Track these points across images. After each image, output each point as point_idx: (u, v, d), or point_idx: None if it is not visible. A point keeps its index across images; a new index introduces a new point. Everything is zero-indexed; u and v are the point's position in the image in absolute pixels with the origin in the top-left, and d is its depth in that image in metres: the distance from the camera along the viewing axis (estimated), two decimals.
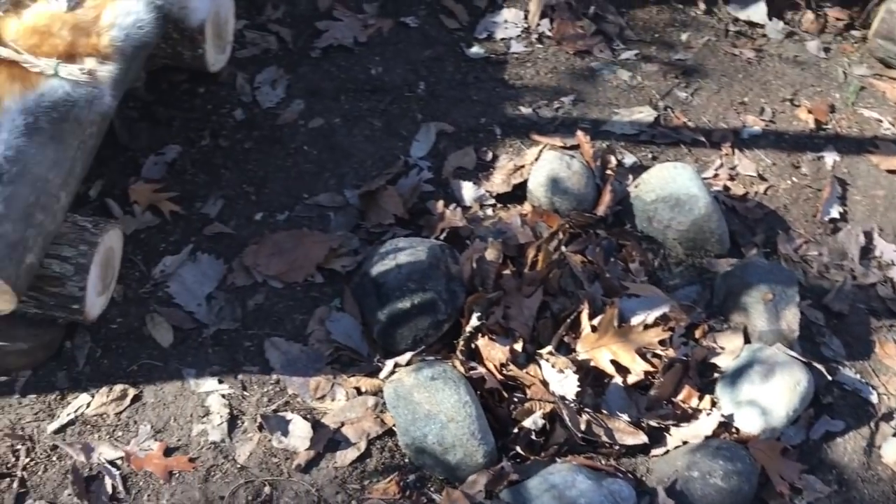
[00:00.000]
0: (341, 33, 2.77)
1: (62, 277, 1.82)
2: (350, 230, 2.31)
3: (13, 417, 1.86)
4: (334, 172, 2.44)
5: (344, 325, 2.13)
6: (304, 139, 2.52)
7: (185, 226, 2.27)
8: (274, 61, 2.70)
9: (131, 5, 1.91)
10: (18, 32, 1.79)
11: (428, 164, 2.48)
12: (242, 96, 2.58)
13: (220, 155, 2.43)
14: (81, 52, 1.83)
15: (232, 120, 2.52)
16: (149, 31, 1.92)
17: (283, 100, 2.60)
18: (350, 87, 2.66)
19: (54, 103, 1.75)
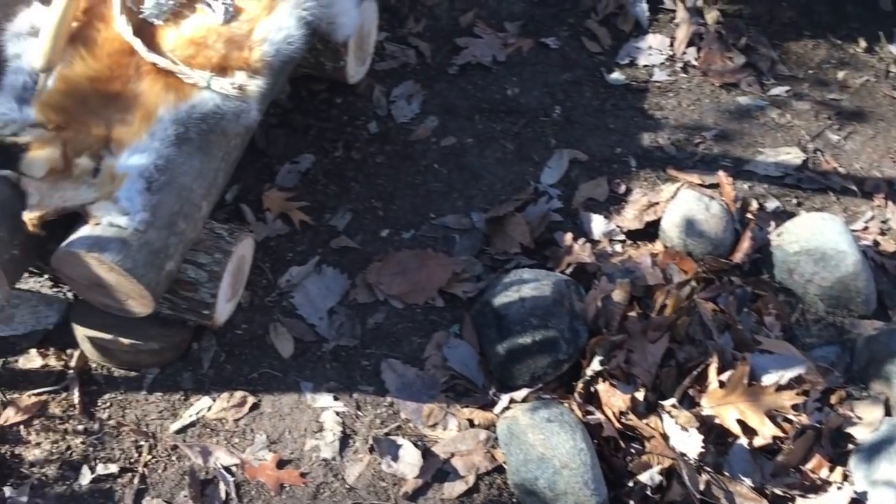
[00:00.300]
0: (480, 51, 2.75)
1: (196, 283, 1.87)
2: (474, 255, 2.29)
3: (139, 413, 1.93)
4: (462, 193, 2.42)
5: (461, 352, 2.10)
6: (436, 157, 2.51)
7: (313, 237, 2.30)
8: (411, 75, 2.70)
9: (283, 21, 1.94)
10: (176, 43, 1.84)
11: (558, 192, 2.43)
12: (378, 109, 2.60)
13: (351, 167, 2.45)
14: (233, 65, 1.87)
15: (366, 132, 2.54)
16: (298, 46, 1.95)
17: (418, 115, 2.60)
18: (485, 107, 2.64)
19: (204, 115, 1.80)
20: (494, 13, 2.88)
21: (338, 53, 2.37)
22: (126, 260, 1.63)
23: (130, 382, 1.98)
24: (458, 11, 2.88)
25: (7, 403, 1.89)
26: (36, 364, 1.96)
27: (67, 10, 1.80)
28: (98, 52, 1.81)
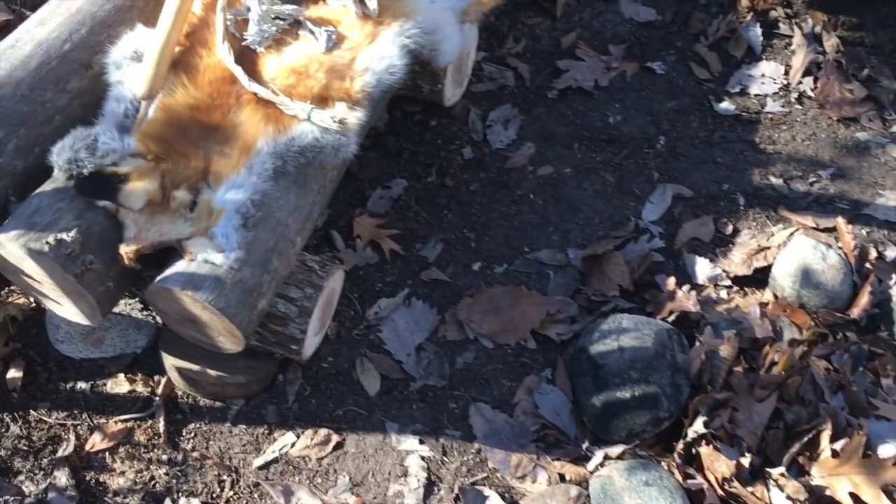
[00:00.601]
0: (582, 75, 2.64)
1: (286, 318, 1.83)
2: (569, 294, 2.19)
3: (223, 446, 1.90)
4: (558, 227, 2.33)
5: (553, 400, 2.02)
6: (531, 187, 2.42)
7: (403, 267, 2.24)
8: (508, 99, 2.62)
9: (385, 50, 1.88)
10: (277, 71, 1.80)
11: (660, 230, 2.31)
12: (473, 133, 2.52)
13: (444, 194, 2.38)
14: (334, 95, 1.81)
15: (460, 158, 2.47)
16: (399, 77, 1.88)
17: (514, 142, 2.51)
18: (584, 135, 2.53)
19: (303, 148, 1.75)
20: (598, 35, 2.77)
21: (436, 76, 2.31)
22: (219, 299, 1.59)
23: (215, 413, 1.95)
24: (560, 32, 2.77)
25: (94, 429, 1.89)
26: (123, 389, 1.95)
27: (171, 35, 1.77)
28: (199, 80, 1.77)
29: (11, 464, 1.83)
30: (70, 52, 1.83)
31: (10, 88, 1.73)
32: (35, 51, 1.80)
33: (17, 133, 1.71)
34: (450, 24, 2.08)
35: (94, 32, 1.88)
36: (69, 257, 1.57)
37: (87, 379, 1.97)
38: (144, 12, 1.96)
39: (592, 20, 2.81)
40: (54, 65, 1.80)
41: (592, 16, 2.82)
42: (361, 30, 1.90)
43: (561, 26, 2.80)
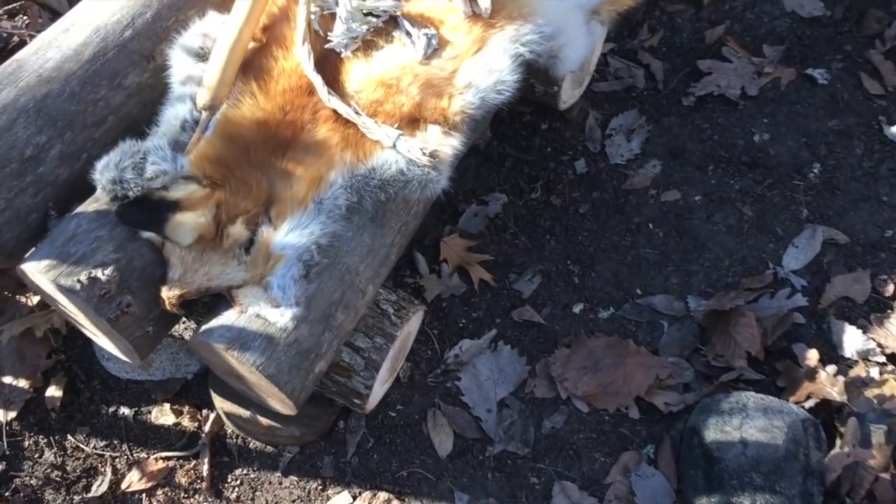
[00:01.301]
0: (726, 80, 2.25)
1: (350, 369, 1.59)
2: (685, 355, 1.88)
3: (270, 498, 1.71)
4: (680, 267, 2.00)
5: (653, 486, 1.73)
6: (652, 214, 2.08)
7: (493, 302, 1.97)
8: (636, 103, 2.26)
9: (495, 61, 1.57)
10: (363, 82, 1.52)
11: (803, 283, 1.95)
12: (589, 143, 2.19)
13: (548, 215, 2.08)
14: (427, 116, 1.53)
15: (571, 172, 2.15)
16: (509, 95, 1.57)
17: (637, 157, 2.17)
18: (722, 155, 2.16)
19: (384, 182, 1.49)
20: (751, 30, 2.36)
21: (552, 79, 1.97)
22: (269, 364, 1.36)
23: (266, 459, 1.76)
24: (706, 23, 2.38)
25: (133, 464, 1.72)
26: (169, 421, 1.77)
27: (244, 31, 1.51)
28: (271, 88, 1.51)
29: (42, 495, 1.68)
30: (131, 41, 1.60)
31: (58, 84, 1.51)
32: (91, 38, 1.57)
33: (61, 137, 1.50)
34: (576, 26, 1.74)
35: (161, 17, 1.63)
36: (103, 298, 1.37)
37: (131, 404, 1.79)
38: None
39: (746, 11, 2.40)
40: (111, 56, 1.57)
41: (747, 5, 2.41)
42: (468, 33, 1.60)
43: (707, 16, 2.40)
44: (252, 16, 1.55)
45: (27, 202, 1.49)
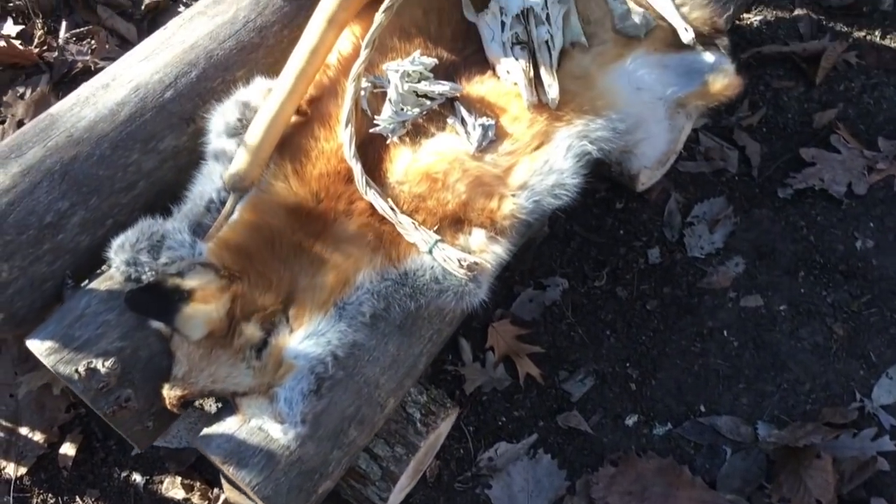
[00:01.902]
0: (831, 173, 2.03)
1: (366, 477, 1.48)
2: (746, 492, 1.69)
3: None
4: (752, 385, 1.81)
5: None
6: (728, 320, 1.89)
7: (538, 401, 1.82)
8: (724, 189, 2.06)
9: (556, 160, 1.43)
10: (407, 173, 1.40)
11: (893, 422, 1.72)
12: (667, 230, 2.00)
13: (611, 308, 1.91)
14: (472, 218, 1.39)
15: (642, 260, 1.97)
16: (568, 200, 1.42)
17: (719, 252, 1.98)
18: (816, 261, 1.95)
19: (417, 290, 1.36)
20: (866, 116, 2.13)
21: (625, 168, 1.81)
22: (266, 484, 1.26)
23: None
24: (816, 105, 2.15)
25: None
26: (178, 495, 1.71)
27: (288, 103, 1.41)
28: (307, 171, 1.41)
29: None
30: (171, 102, 1.51)
31: (88, 146, 1.44)
32: (129, 97, 1.49)
33: (86, 204, 1.43)
34: (657, 120, 1.57)
35: (206, 77, 1.54)
36: (101, 392, 1.29)
37: (144, 471, 1.73)
38: (273, 52, 1.60)
39: (864, 94, 2.16)
40: (148, 117, 1.50)
41: (864, 88, 2.17)
42: (530, 126, 1.45)
43: (819, 97, 2.17)
44: (297, 89, 1.44)
45: (42, 270, 1.42)
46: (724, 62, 1.61)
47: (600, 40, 1.58)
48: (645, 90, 1.56)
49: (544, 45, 1.49)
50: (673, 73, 1.61)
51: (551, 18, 1.51)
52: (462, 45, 1.57)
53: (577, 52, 1.55)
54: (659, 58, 1.60)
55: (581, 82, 1.52)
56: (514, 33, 1.50)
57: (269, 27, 1.62)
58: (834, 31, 2.28)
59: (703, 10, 1.63)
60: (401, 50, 1.53)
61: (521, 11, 1.49)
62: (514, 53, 1.49)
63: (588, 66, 1.54)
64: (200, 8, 1.63)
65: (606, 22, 1.59)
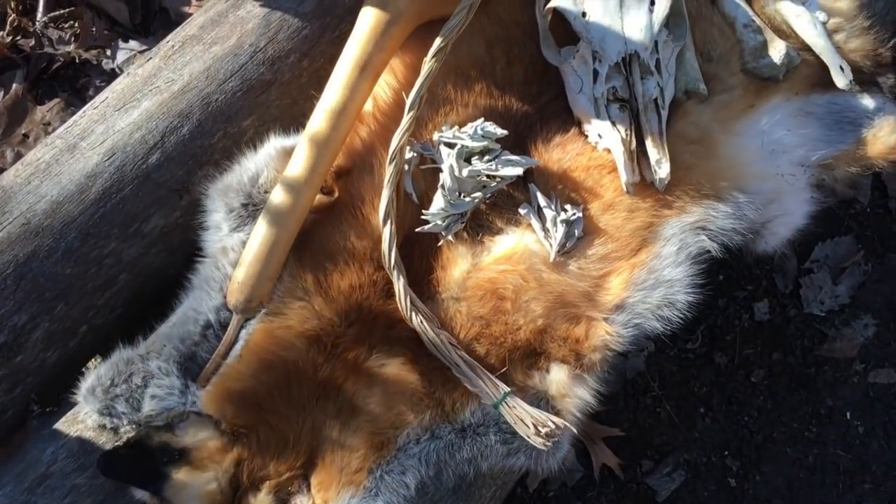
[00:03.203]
0: None
1: None
2: None
3: None
4: (881, 485, 1.53)
5: None
6: (853, 398, 1.57)
7: (616, 500, 1.52)
8: (853, 225, 1.70)
9: (664, 266, 1.11)
10: (466, 287, 1.08)
11: None
12: (778, 277, 1.66)
13: (707, 378, 1.60)
14: (551, 350, 1.08)
15: (747, 316, 1.64)
16: (678, 321, 1.07)
17: (844, 309, 1.63)
18: None
19: (478, 452, 1.06)
20: None
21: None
22: None
23: None
24: None
25: None
26: None
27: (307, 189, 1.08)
28: (333, 283, 1.08)
29: None
30: (157, 169, 1.19)
31: (50, 238, 1.14)
32: (103, 165, 1.18)
33: (50, 314, 1.13)
34: (794, 193, 1.20)
35: (203, 131, 1.21)
36: None
37: None
38: (290, 90, 1.24)
39: None
40: (128, 192, 1.17)
41: None
42: (630, 217, 1.10)
43: None
44: (319, 166, 1.11)
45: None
46: (888, 110, 1.21)
47: (725, 85, 1.19)
48: (782, 154, 1.18)
49: (652, 106, 1.11)
50: (819, 124, 1.22)
51: (662, 64, 1.12)
52: (538, 89, 1.19)
53: (694, 105, 1.17)
54: (801, 104, 1.21)
55: (699, 149, 1.15)
56: (610, 88, 1.12)
57: (284, 58, 1.25)
58: None
59: (863, 39, 1.22)
60: (457, 101, 1.17)
61: (621, 59, 1.10)
62: (611, 114, 1.12)
63: (708, 124, 1.16)
64: (194, 30, 1.26)
65: (733, 59, 1.19)
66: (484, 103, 1.17)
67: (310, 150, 1.10)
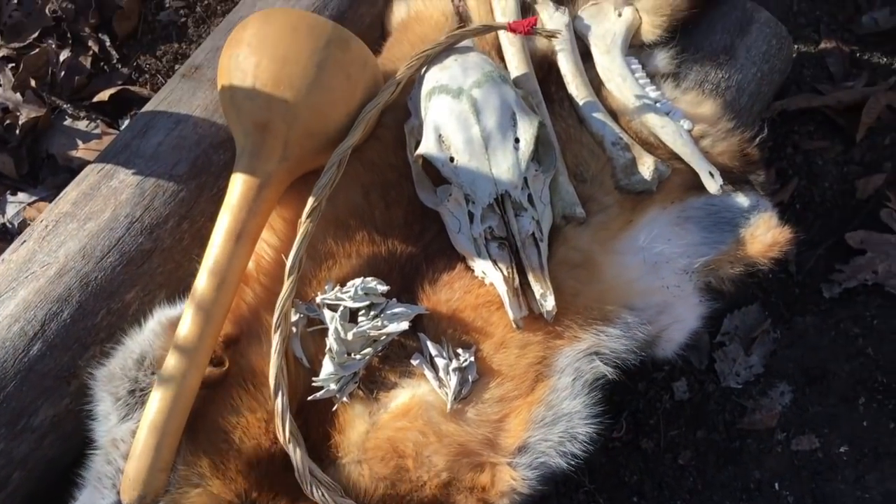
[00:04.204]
0: (886, 262, 1.69)
1: None
2: None
3: None
4: None
5: None
6: (779, 469, 1.59)
7: None
8: (758, 292, 1.73)
9: (561, 399, 1.10)
10: (366, 448, 1.07)
11: None
12: (692, 355, 1.68)
13: (636, 466, 1.62)
14: (459, 501, 1.04)
15: (667, 397, 1.65)
16: (582, 454, 1.08)
17: (759, 379, 1.66)
18: (879, 381, 1.64)
19: None
20: None
21: None
22: None
23: None
24: (858, 167, 1.80)
25: None
26: None
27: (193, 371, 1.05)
28: (230, 463, 1.06)
29: None
30: (40, 360, 1.17)
31: None
32: None
33: None
34: (683, 301, 1.22)
35: (85, 312, 1.19)
36: None
37: None
38: (173, 255, 1.22)
39: None
40: (11, 389, 1.16)
41: None
42: (522, 353, 1.12)
43: (859, 157, 1.81)
44: (203, 345, 1.08)
45: None
46: (762, 207, 1.25)
47: (601, 205, 1.20)
48: (665, 265, 1.20)
49: (530, 240, 1.12)
50: (698, 228, 1.25)
51: (534, 197, 1.13)
52: (420, 228, 1.20)
53: (573, 229, 1.18)
54: (678, 212, 1.24)
55: (583, 273, 1.16)
56: (487, 228, 1.12)
57: (163, 224, 1.24)
58: (871, 65, 1.89)
59: (729, 141, 1.26)
60: (339, 253, 1.17)
61: (493, 199, 1.11)
62: (491, 253, 1.12)
63: (589, 247, 1.18)
64: (66, 207, 1.24)
65: (606, 178, 1.21)
66: (367, 251, 1.17)
67: (196, 318, 1.08)
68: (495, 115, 1.12)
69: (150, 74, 1.92)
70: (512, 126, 1.13)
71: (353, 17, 1.42)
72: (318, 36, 1.12)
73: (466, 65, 1.15)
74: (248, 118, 1.13)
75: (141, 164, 1.24)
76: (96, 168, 1.27)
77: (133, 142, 1.28)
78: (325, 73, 1.12)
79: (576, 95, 1.27)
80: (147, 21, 2.00)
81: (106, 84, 1.91)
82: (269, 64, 1.11)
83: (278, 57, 1.11)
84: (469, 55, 1.17)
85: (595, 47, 1.31)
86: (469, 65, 1.15)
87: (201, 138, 1.28)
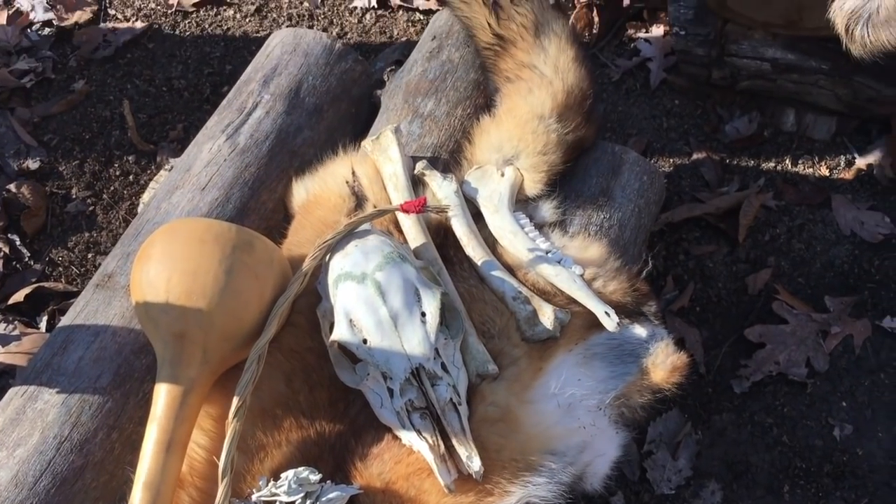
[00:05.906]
0: (786, 352, 1.80)
1: None
2: None
3: None
4: None
5: None
6: None
7: None
8: (675, 398, 1.79)
9: None
10: None
11: None
12: (625, 468, 1.73)
13: None
14: None
15: None
16: None
17: (689, 482, 1.71)
18: (798, 467, 1.72)
19: None
20: (802, 265, 1.92)
21: None
22: None
23: None
24: (746, 265, 1.93)
25: None
26: None
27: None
28: None
29: None
30: None
31: None
32: None
33: None
34: (601, 435, 1.28)
35: None
36: None
37: None
38: (105, 467, 1.24)
39: (793, 239, 1.94)
40: None
41: (791, 232, 1.95)
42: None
43: (745, 255, 1.94)
44: None
45: None
46: (658, 336, 1.34)
47: (511, 358, 1.28)
48: (579, 406, 1.28)
49: (449, 406, 1.18)
50: (604, 363, 1.33)
51: (447, 364, 1.20)
52: (345, 405, 1.25)
53: (488, 386, 1.25)
54: (583, 351, 1.32)
55: (503, 427, 1.22)
56: (407, 401, 1.18)
57: (92, 438, 1.26)
58: (740, 168, 2.05)
59: (618, 279, 1.36)
60: (269, 444, 1.21)
61: (409, 374, 1.17)
62: (414, 424, 1.18)
63: (506, 400, 1.24)
64: None
65: (512, 332, 1.29)
66: (296, 437, 1.21)
67: None
68: (399, 294, 1.20)
69: (64, 267, 1.95)
70: (417, 301, 1.21)
71: (256, 205, 1.50)
72: (223, 244, 1.19)
73: (367, 249, 1.23)
74: (165, 329, 1.18)
75: (64, 381, 1.27)
76: (20, 391, 1.29)
77: (54, 360, 1.31)
78: (234, 277, 1.18)
79: (473, 256, 1.35)
80: (55, 214, 2.05)
81: (20, 283, 1.93)
82: (181, 278, 1.17)
83: (188, 270, 1.17)
84: (368, 239, 1.25)
85: (485, 208, 1.41)
86: (369, 249, 1.23)
87: (121, 346, 1.32)
